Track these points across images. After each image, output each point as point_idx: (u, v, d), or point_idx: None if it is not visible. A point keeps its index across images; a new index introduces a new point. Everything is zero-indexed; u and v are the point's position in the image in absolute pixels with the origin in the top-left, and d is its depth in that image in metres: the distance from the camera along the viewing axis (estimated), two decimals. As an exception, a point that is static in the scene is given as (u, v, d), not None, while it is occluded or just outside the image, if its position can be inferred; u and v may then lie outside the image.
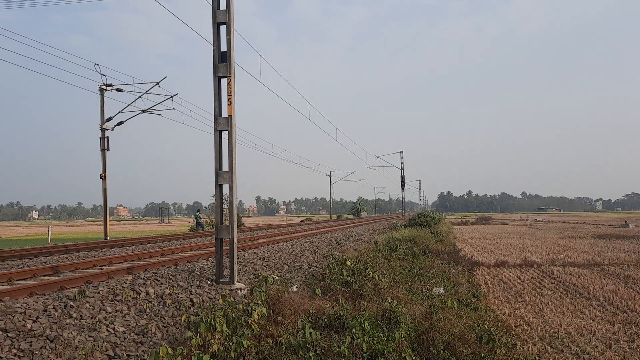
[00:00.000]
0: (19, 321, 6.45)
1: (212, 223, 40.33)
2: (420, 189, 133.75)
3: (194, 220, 42.26)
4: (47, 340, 6.15)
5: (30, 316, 6.71)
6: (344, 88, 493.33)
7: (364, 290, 11.15)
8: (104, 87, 26.47)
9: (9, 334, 6.08)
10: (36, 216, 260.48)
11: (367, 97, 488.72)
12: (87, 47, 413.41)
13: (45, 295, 8.28)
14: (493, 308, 12.34)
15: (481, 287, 15.42)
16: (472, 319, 9.73)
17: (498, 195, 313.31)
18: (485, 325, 8.23)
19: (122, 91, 26.82)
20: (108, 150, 26.80)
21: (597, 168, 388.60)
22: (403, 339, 7.58)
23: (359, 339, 7.20)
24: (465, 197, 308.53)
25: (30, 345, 5.92)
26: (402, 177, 66.85)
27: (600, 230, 46.61)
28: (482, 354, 7.40)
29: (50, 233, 35.00)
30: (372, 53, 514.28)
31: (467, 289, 14.54)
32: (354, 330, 7.59)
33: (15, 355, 5.65)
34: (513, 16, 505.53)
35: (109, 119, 26.79)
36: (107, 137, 26.79)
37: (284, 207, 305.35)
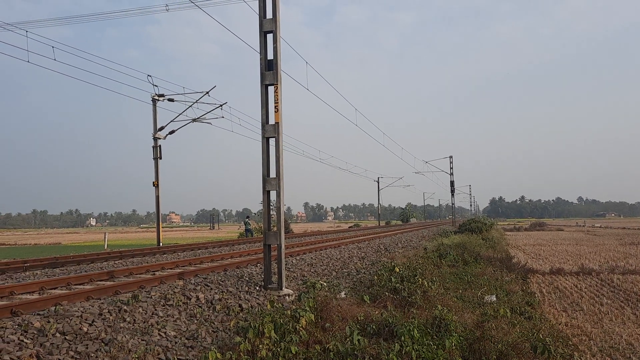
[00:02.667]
0: (76, 324, 6.69)
1: (261, 229, 40.81)
2: (470, 194, 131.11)
3: (243, 227, 42.91)
4: (102, 344, 6.34)
5: (86, 319, 6.94)
6: (391, 93, 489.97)
7: (413, 297, 10.96)
8: (156, 97, 27.32)
9: (67, 337, 6.30)
10: (94, 223, 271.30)
11: (415, 102, 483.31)
12: (141, 60, 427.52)
13: (100, 299, 8.56)
14: (548, 317, 11.89)
15: (536, 295, 14.91)
16: (526, 328, 9.41)
17: (553, 200, 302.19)
18: (541, 335, 7.93)
19: (173, 101, 27.62)
20: (160, 158, 27.59)
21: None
22: (454, 347, 7.41)
23: (408, 347, 7.08)
24: (518, 202, 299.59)
25: (86, 348, 6.11)
26: (452, 183, 65.77)
27: (663, 237, 44.30)
28: (538, 365, 7.14)
29: (106, 239, 36.27)
30: (420, 57, 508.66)
31: (520, 297, 14.09)
32: (402, 337, 7.47)
33: (72, 357, 5.85)
34: (566, 16, 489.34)
35: (161, 128, 27.59)
36: (160, 146, 27.59)
37: (332, 213, 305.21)
